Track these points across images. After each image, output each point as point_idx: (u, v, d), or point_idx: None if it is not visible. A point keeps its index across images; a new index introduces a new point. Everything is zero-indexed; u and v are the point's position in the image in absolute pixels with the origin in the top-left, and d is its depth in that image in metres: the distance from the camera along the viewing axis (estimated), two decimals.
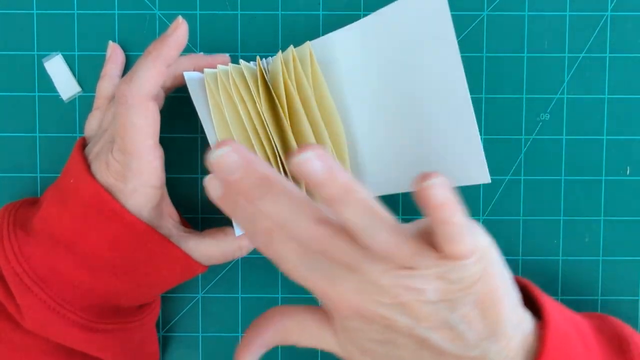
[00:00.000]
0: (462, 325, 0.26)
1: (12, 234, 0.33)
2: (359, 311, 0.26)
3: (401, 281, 0.25)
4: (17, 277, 0.31)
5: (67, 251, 0.32)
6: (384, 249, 0.25)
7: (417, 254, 0.25)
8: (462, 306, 0.26)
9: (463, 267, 0.25)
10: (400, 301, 0.25)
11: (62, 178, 0.34)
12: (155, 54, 0.32)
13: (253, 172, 0.25)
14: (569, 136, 0.39)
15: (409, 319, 0.26)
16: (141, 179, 0.32)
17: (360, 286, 0.26)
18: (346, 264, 0.26)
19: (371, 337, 0.27)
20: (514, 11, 0.39)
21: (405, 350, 0.27)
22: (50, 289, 0.32)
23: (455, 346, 0.26)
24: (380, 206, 0.26)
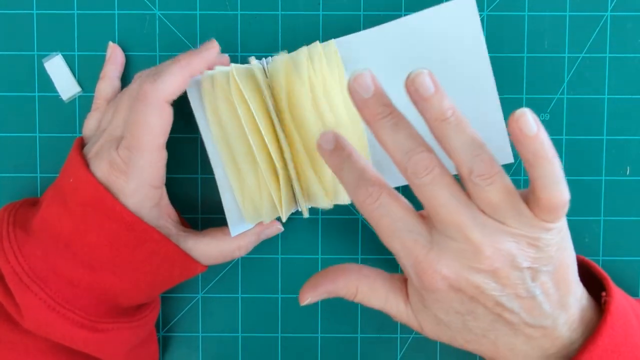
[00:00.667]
0: (541, 295, 0.28)
1: (12, 234, 0.33)
2: (451, 280, 0.28)
3: (498, 245, 0.27)
4: (17, 277, 0.31)
5: (67, 250, 0.32)
6: (489, 201, 0.28)
7: (517, 208, 0.28)
8: (542, 275, 0.28)
9: (551, 233, 0.28)
10: (494, 267, 0.28)
11: (61, 178, 0.34)
12: (184, 62, 0.33)
13: (381, 95, 0.28)
14: (569, 136, 0.39)
15: (498, 286, 0.28)
16: (143, 178, 0.32)
17: (459, 253, 0.28)
18: (452, 223, 0.28)
19: (452, 308, 0.29)
20: (514, 11, 0.39)
21: (482, 322, 0.29)
22: (49, 288, 0.32)
23: (530, 316, 0.29)
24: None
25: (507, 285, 0.28)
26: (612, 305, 0.30)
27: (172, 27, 0.39)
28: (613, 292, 0.31)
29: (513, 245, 0.28)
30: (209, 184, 0.40)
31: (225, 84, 0.34)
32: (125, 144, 0.32)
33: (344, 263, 0.33)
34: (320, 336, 0.40)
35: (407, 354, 0.40)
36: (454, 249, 0.28)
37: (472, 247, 0.27)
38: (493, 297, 0.28)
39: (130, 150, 0.32)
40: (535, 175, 0.27)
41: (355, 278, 0.32)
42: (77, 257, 0.32)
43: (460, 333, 0.30)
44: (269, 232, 0.37)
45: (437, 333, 0.31)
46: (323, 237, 0.40)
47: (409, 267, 0.29)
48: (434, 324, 0.31)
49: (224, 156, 0.35)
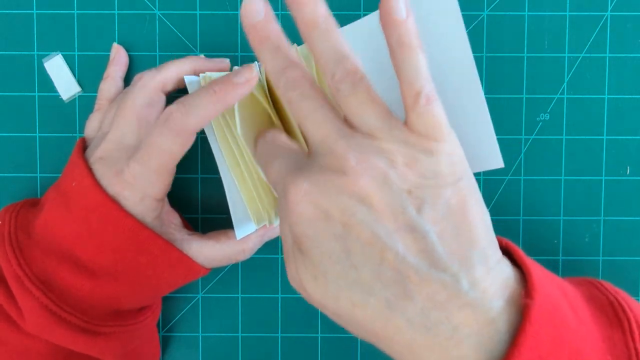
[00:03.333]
0: (432, 234, 0.23)
1: (14, 236, 0.33)
2: (315, 198, 0.24)
3: (366, 156, 0.24)
4: (18, 280, 0.31)
5: (69, 254, 0.32)
6: (353, 107, 0.25)
7: (387, 120, 0.25)
8: (429, 209, 0.24)
9: (436, 158, 0.24)
10: (362, 184, 0.24)
11: (63, 180, 0.34)
12: (221, 97, 0.31)
13: (269, 20, 0.28)
14: (569, 136, 0.39)
15: (370, 212, 0.24)
16: (150, 192, 0.32)
17: (324, 167, 0.25)
18: (318, 135, 0.26)
19: (326, 246, 0.24)
20: (514, 11, 0.39)
21: (363, 268, 0.24)
22: (51, 292, 0.32)
23: (421, 261, 0.23)
24: (353, 55, 0.26)
25: (382, 212, 0.23)
26: (534, 310, 0.23)
27: (172, 27, 0.39)
28: (535, 280, 0.24)
29: (384, 160, 0.24)
30: (209, 184, 0.40)
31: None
32: (138, 159, 0.32)
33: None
34: (320, 336, 0.40)
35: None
36: (319, 163, 0.25)
37: (336, 158, 0.24)
38: (368, 227, 0.23)
39: (143, 167, 0.31)
40: (398, 66, 0.25)
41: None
42: (79, 261, 0.32)
43: (344, 290, 0.24)
44: (272, 233, 0.37)
45: (318, 294, 0.25)
46: None
47: (280, 200, 0.26)
48: (312, 278, 0.25)
49: (228, 158, 0.35)
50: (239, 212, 0.35)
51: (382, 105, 0.26)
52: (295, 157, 0.27)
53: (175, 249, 0.33)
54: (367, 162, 0.24)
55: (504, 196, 0.40)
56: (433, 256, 0.23)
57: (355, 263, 0.24)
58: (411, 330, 0.23)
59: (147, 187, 0.32)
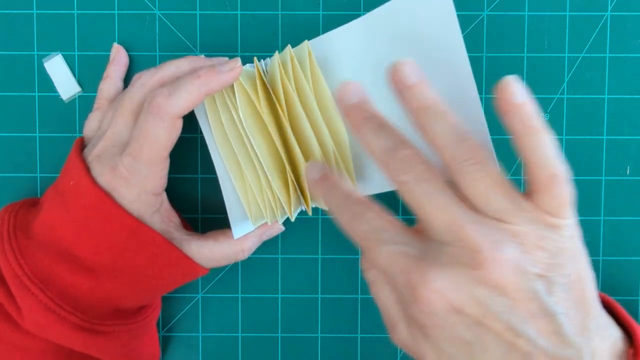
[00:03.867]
0: (561, 315, 0.24)
1: (13, 235, 0.33)
2: (449, 296, 0.24)
3: (499, 245, 0.24)
4: (18, 279, 0.32)
5: (68, 253, 0.32)
6: (479, 190, 0.25)
7: (515, 200, 0.25)
8: (558, 288, 0.24)
9: (561, 232, 0.25)
10: (498, 274, 0.23)
11: (61, 179, 0.34)
12: (204, 81, 0.32)
13: (365, 101, 0.28)
14: (569, 136, 0.39)
15: (506, 301, 0.24)
16: (146, 186, 0.32)
17: (455, 259, 0.24)
18: (443, 222, 0.25)
19: (456, 336, 0.25)
20: (514, 11, 0.39)
21: (492, 354, 0.24)
22: (50, 290, 0.32)
23: (550, 343, 0.24)
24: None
25: (517, 300, 0.24)
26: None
27: (172, 27, 0.39)
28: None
29: (516, 246, 0.24)
30: (209, 184, 0.40)
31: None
32: (130, 152, 0.32)
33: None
34: (320, 336, 0.40)
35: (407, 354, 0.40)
36: (449, 254, 0.24)
37: (468, 249, 0.24)
38: (502, 317, 0.24)
39: (135, 159, 0.31)
40: (527, 150, 0.25)
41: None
42: (78, 260, 0.32)
43: None
44: (270, 232, 0.37)
45: None
46: (323, 237, 0.40)
47: (401, 287, 0.25)
48: (435, 356, 0.26)
49: (226, 158, 0.35)
50: (236, 212, 0.35)
51: (507, 184, 0.25)
52: (408, 240, 0.26)
53: (174, 248, 0.33)
54: (501, 252, 0.24)
55: None
56: (561, 335, 0.24)
57: (485, 348, 0.24)
58: None
59: (142, 182, 0.32)
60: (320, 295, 0.40)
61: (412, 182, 0.25)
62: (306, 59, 0.34)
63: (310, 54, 0.34)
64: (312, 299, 0.40)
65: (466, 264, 0.24)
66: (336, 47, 0.35)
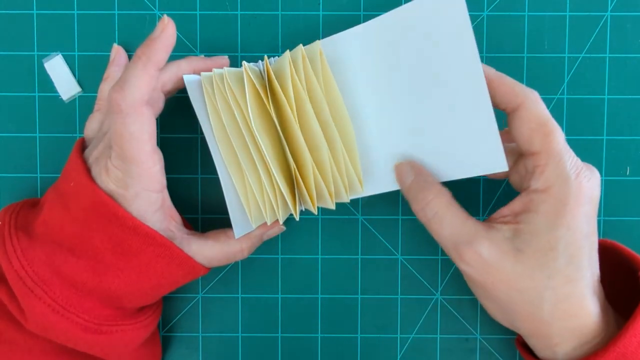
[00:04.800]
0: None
1: (14, 236, 0.33)
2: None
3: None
4: (20, 280, 0.31)
5: (70, 254, 0.32)
6: None
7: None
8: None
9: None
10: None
11: (62, 180, 0.34)
12: (145, 59, 0.31)
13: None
14: (569, 136, 0.39)
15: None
16: (142, 184, 0.32)
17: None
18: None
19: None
20: (514, 11, 0.39)
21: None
22: (53, 291, 0.32)
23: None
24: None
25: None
26: None
27: None
28: None
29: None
30: (209, 183, 0.40)
31: (221, 86, 0.34)
32: (115, 154, 0.31)
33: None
34: (320, 336, 0.40)
35: (407, 354, 0.40)
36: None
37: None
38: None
39: (122, 161, 0.31)
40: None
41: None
42: (80, 261, 0.32)
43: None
44: (271, 232, 0.37)
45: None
46: (323, 237, 0.40)
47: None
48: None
49: (226, 158, 0.35)
50: (237, 211, 0.35)
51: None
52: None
53: (175, 247, 0.33)
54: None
55: (504, 196, 0.40)
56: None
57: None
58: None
59: (137, 180, 0.31)
60: (320, 295, 0.40)
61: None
62: (317, 58, 0.34)
63: (321, 53, 0.34)
64: (312, 299, 0.40)
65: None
66: (348, 48, 0.35)
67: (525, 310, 0.31)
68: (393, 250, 0.40)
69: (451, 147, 0.33)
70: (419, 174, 0.34)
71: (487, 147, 0.32)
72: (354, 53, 0.34)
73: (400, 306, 0.40)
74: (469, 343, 0.40)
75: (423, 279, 0.40)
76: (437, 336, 0.40)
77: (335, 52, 0.35)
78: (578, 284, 0.30)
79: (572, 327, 0.30)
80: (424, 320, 0.40)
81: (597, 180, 0.32)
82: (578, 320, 0.30)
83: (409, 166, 0.34)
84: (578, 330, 0.30)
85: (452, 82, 0.32)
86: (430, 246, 0.40)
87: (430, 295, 0.40)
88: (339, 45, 0.35)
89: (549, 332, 0.31)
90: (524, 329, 0.32)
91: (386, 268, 0.40)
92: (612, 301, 0.33)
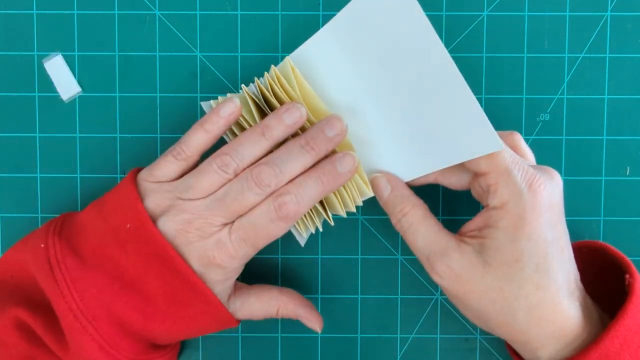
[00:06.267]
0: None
1: (63, 264, 0.32)
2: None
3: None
4: (71, 313, 0.31)
5: (122, 293, 0.32)
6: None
7: None
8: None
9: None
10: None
11: (112, 212, 0.33)
12: (327, 185, 0.33)
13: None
14: (569, 136, 0.39)
15: None
16: (239, 266, 0.34)
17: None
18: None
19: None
20: (514, 11, 0.39)
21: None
22: (102, 328, 0.31)
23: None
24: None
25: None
26: (637, 286, 0.31)
27: (172, 27, 0.39)
28: (636, 274, 0.31)
29: None
30: None
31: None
32: (248, 241, 0.32)
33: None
34: (320, 336, 0.40)
35: (407, 354, 0.40)
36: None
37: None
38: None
39: (253, 248, 0.33)
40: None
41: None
42: (131, 301, 0.32)
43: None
44: (312, 319, 0.37)
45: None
46: (323, 237, 0.40)
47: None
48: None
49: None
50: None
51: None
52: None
53: (223, 309, 0.34)
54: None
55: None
56: None
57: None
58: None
59: (241, 264, 0.33)
60: (321, 295, 0.40)
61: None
62: (290, 74, 0.34)
63: (294, 68, 0.34)
64: (313, 298, 0.40)
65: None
66: (314, 57, 0.34)
67: (499, 319, 0.31)
68: (393, 250, 0.40)
69: (444, 135, 0.33)
70: (395, 188, 0.34)
71: (478, 131, 0.31)
72: (321, 60, 0.34)
73: (400, 306, 0.40)
74: (469, 343, 0.40)
75: (423, 279, 0.40)
76: (437, 336, 0.40)
77: (307, 62, 0.35)
78: (549, 290, 0.30)
79: (549, 332, 0.30)
80: (424, 320, 0.40)
81: (556, 183, 0.32)
82: (554, 324, 0.30)
83: (384, 179, 0.35)
84: (557, 334, 0.30)
85: (424, 73, 0.32)
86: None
87: (430, 295, 0.40)
88: (310, 54, 0.34)
89: (526, 339, 0.31)
90: (502, 335, 0.32)
91: (386, 268, 0.40)
92: (604, 300, 0.33)
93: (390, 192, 0.34)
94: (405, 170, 0.35)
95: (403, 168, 0.35)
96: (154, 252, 0.32)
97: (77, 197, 0.40)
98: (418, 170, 0.35)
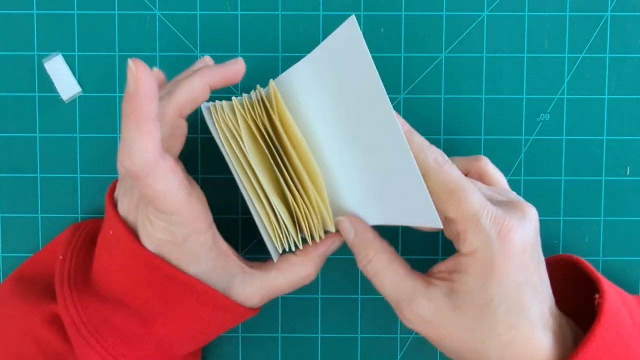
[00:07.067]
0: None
1: (73, 279, 0.32)
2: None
3: None
4: (74, 327, 0.31)
5: (120, 302, 0.32)
6: None
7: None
8: None
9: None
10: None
11: (104, 226, 0.33)
12: (134, 118, 0.27)
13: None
14: (569, 136, 0.39)
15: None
16: (188, 228, 0.31)
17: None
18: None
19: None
20: (514, 11, 0.39)
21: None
22: (105, 340, 0.31)
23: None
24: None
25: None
26: (605, 306, 0.30)
27: (172, 27, 0.39)
28: (606, 294, 0.30)
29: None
30: (209, 183, 0.40)
31: (221, 116, 0.33)
32: (152, 209, 0.30)
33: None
34: (320, 336, 0.40)
35: (407, 354, 0.40)
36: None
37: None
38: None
39: (161, 214, 0.30)
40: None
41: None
42: (130, 309, 0.32)
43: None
44: (334, 247, 0.36)
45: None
46: None
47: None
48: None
49: (244, 187, 0.33)
50: (266, 237, 0.34)
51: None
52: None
53: (218, 295, 0.32)
54: None
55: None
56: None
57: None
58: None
59: (181, 227, 0.30)
60: (320, 295, 0.40)
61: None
62: (272, 99, 0.33)
63: (276, 94, 0.32)
64: (312, 299, 0.40)
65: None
66: (297, 85, 0.33)
67: (472, 357, 0.31)
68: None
69: (390, 195, 0.32)
70: (358, 232, 0.33)
71: (418, 204, 0.30)
72: (302, 90, 0.33)
73: None
74: None
75: None
76: None
77: (291, 88, 0.33)
78: (522, 327, 0.29)
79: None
80: None
81: (528, 222, 0.30)
82: (528, 358, 0.30)
83: (348, 223, 0.34)
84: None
85: (372, 129, 0.30)
86: (430, 246, 0.40)
87: None
88: (290, 80, 0.33)
89: None
90: None
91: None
92: (585, 311, 0.32)
93: (354, 236, 0.34)
94: (367, 215, 0.34)
95: (364, 212, 0.34)
96: (131, 253, 0.31)
97: (77, 197, 0.40)
98: (376, 219, 0.33)
